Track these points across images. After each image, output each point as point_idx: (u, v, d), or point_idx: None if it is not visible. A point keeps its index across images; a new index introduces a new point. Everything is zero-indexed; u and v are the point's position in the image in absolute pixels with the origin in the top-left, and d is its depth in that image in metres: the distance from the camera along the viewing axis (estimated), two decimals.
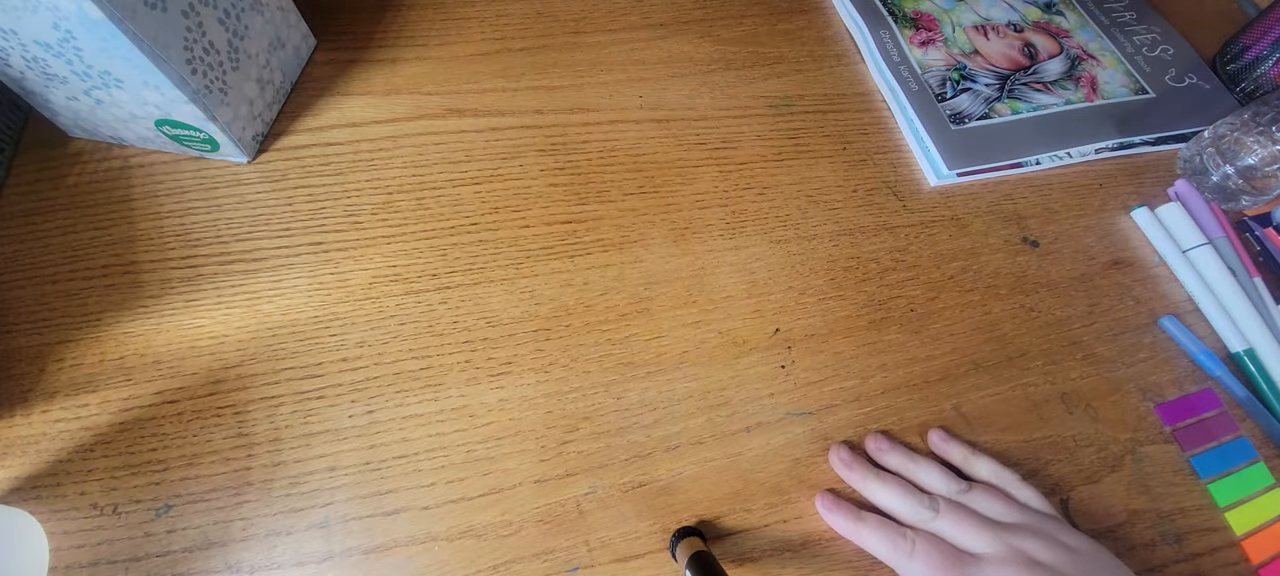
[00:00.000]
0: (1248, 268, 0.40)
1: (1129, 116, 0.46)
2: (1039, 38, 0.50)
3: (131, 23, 0.28)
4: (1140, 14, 0.54)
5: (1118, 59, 0.50)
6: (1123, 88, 0.48)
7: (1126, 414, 0.36)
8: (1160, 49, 0.51)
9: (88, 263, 0.34)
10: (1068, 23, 0.52)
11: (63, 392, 0.30)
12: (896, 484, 0.30)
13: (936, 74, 0.45)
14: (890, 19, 0.48)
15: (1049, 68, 0.48)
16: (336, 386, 0.32)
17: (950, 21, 0.49)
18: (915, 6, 0.49)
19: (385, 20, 0.44)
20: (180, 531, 0.28)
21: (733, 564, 0.30)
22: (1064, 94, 0.46)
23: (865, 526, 0.29)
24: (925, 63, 0.46)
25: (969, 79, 0.46)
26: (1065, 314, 0.38)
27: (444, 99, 0.41)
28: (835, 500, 0.30)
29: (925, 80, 0.44)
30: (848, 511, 0.30)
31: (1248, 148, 0.41)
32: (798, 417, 0.34)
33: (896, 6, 0.49)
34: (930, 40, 0.47)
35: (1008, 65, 0.47)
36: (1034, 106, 0.45)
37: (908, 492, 0.30)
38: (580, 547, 0.29)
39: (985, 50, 0.48)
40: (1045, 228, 0.42)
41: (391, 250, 0.36)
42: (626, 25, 0.47)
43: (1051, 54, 0.49)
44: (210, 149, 0.36)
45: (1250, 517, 0.34)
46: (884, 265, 0.39)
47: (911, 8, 0.49)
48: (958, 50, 0.47)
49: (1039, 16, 0.51)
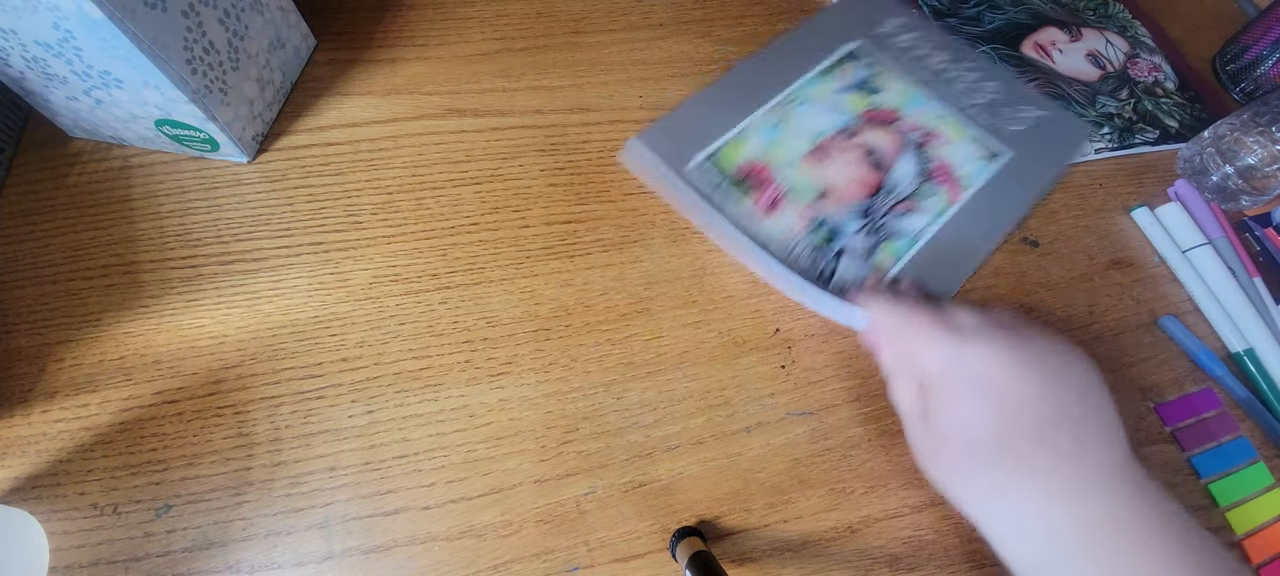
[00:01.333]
0: (1248, 268, 0.40)
1: (999, 195, 0.41)
2: (875, 134, 0.42)
3: (131, 23, 0.28)
4: (955, 53, 0.47)
5: (957, 124, 0.43)
6: (978, 160, 0.42)
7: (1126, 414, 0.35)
8: (985, 88, 0.45)
9: (88, 263, 0.34)
10: (890, 97, 0.44)
11: (63, 392, 0.30)
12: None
13: (803, 246, 0.37)
14: (727, 190, 0.39)
15: (901, 175, 0.41)
16: (336, 386, 0.32)
17: (782, 161, 0.40)
18: (735, 162, 0.40)
19: (385, 20, 0.44)
20: (180, 531, 0.28)
21: (733, 564, 0.30)
22: (930, 206, 0.40)
23: (877, 290, 0.32)
24: (784, 235, 0.38)
25: (836, 235, 0.38)
26: (1065, 314, 0.38)
27: (444, 99, 0.41)
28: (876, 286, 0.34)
29: (796, 257, 0.37)
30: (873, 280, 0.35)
31: (1248, 148, 0.41)
32: (798, 417, 0.34)
33: (721, 172, 0.39)
34: (775, 201, 0.39)
35: (863, 192, 0.40)
36: (911, 240, 0.38)
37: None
38: (580, 547, 0.29)
39: (833, 181, 0.40)
40: (1045, 228, 0.42)
41: (391, 250, 0.36)
42: (626, 25, 0.47)
43: (896, 151, 0.42)
44: (210, 149, 0.36)
45: (1250, 517, 0.34)
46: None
47: (732, 166, 0.40)
48: (806, 200, 0.39)
49: (862, 103, 0.43)
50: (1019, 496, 0.25)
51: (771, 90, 0.43)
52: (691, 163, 0.39)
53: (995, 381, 0.26)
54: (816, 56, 0.45)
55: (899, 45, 0.47)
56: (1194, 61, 0.52)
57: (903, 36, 0.47)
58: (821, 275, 0.37)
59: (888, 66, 0.46)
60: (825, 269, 0.37)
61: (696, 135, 0.40)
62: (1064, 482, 0.25)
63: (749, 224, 0.38)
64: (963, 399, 0.26)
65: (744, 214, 0.38)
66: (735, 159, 0.40)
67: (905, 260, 0.38)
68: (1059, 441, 0.25)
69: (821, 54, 0.45)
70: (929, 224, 0.39)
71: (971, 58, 0.47)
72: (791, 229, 0.38)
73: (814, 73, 0.44)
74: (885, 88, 0.45)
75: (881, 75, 0.45)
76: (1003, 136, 0.43)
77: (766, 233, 0.38)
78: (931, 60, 0.46)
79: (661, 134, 0.40)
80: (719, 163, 0.40)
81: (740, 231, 0.36)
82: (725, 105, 0.42)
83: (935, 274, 0.38)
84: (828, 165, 0.41)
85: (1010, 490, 0.25)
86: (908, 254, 0.38)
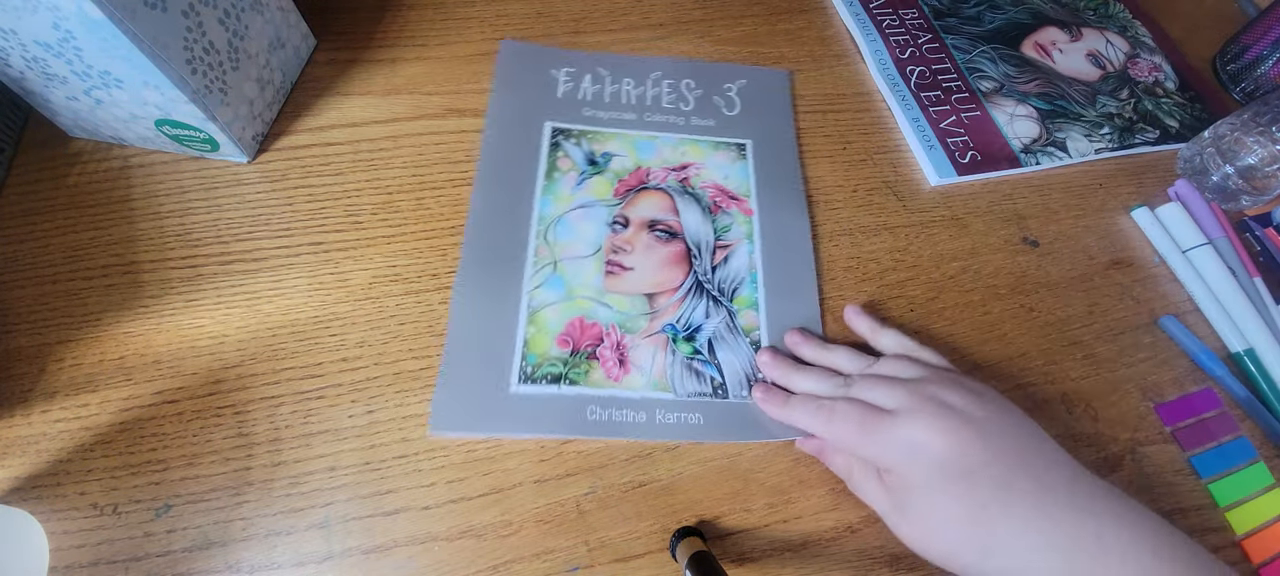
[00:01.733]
0: (1248, 268, 0.40)
1: (774, 178, 0.40)
2: (644, 205, 0.38)
3: (131, 23, 0.28)
4: (634, 75, 0.43)
5: (693, 142, 0.41)
6: (735, 162, 0.41)
7: (1126, 414, 0.36)
8: (683, 91, 0.43)
9: (88, 263, 0.34)
10: (623, 158, 0.40)
11: (63, 392, 0.30)
12: (814, 371, 0.33)
13: (678, 371, 0.33)
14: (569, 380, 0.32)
15: (694, 225, 0.38)
16: (336, 386, 0.32)
17: (589, 299, 0.35)
18: (550, 345, 0.33)
19: (385, 20, 0.44)
20: (180, 531, 0.28)
21: (733, 564, 0.30)
22: (737, 233, 0.38)
23: (792, 406, 0.32)
24: (656, 376, 0.33)
25: (695, 330, 0.34)
26: (1065, 314, 0.38)
27: (444, 99, 0.41)
28: (767, 390, 0.33)
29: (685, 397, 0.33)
30: (778, 397, 0.32)
31: (1248, 148, 0.41)
32: None
33: (549, 368, 0.32)
34: (620, 351, 0.33)
35: (680, 267, 0.36)
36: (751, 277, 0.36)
37: (824, 375, 0.33)
38: (580, 547, 0.29)
39: (648, 281, 0.36)
40: (1045, 228, 0.42)
41: (391, 250, 0.36)
42: (626, 25, 0.47)
43: (672, 208, 0.38)
44: (210, 149, 0.36)
45: (1250, 517, 0.34)
46: (884, 265, 0.39)
47: (549, 351, 0.33)
48: (643, 323, 0.34)
49: (607, 185, 0.39)
50: (1013, 545, 0.25)
51: (520, 238, 0.36)
52: (512, 388, 0.32)
53: (942, 453, 0.27)
54: (526, 160, 0.39)
55: (584, 99, 0.42)
56: (1194, 61, 0.52)
57: (582, 86, 0.43)
58: (716, 392, 0.33)
59: (594, 127, 0.41)
60: (714, 385, 0.33)
61: (494, 355, 0.32)
62: (1044, 515, 0.25)
63: (614, 404, 0.32)
64: (922, 479, 0.27)
65: (602, 396, 0.32)
66: (547, 344, 0.33)
67: (762, 301, 0.36)
68: (1020, 482, 0.26)
69: (528, 156, 0.39)
70: (751, 250, 0.37)
71: (649, 69, 0.44)
72: (656, 366, 0.33)
73: (539, 184, 0.38)
74: (611, 149, 0.40)
75: (596, 138, 0.40)
76: (733, 127, 0.42)
77: (638, 394, 0.32)
78: (621, 94, 0.43)
79: (454, 394, 0.31)
80: (536, 362, 0.32)
81: (612, 422, 0.31)
82: (492, 297, 0.34)
83: (792, 291, 0.36)
84: (630, 271, 0.36)
85: (1008, 542, 0.25)
86: (759, 294, 0.36)
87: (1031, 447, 0.27)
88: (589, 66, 0.44)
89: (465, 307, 0.34)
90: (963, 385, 0.29)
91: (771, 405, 0.32)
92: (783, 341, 0.35)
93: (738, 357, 0.34)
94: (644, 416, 0.32)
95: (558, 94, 0.42)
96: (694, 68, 0.45)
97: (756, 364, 0.34)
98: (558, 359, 0.33)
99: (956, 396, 0.28)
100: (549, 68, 0.43)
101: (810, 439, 0.32)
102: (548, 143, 0.40)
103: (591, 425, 0.31)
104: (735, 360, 0.34)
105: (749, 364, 0.34)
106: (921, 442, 0.27)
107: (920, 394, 0.29)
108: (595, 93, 0.43)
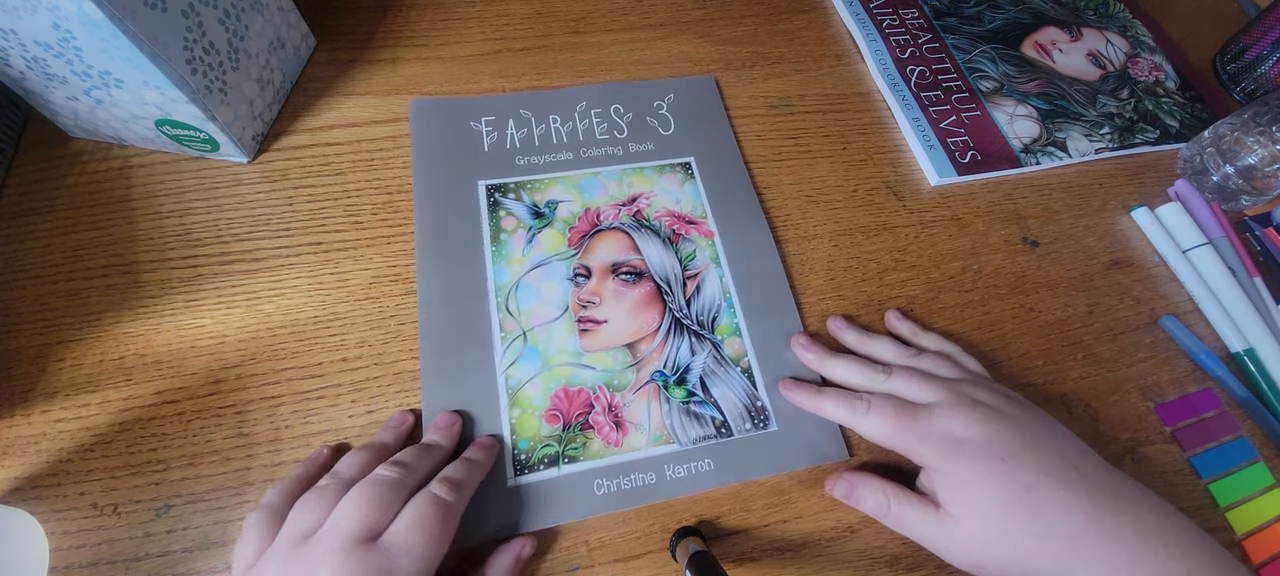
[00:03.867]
0: (1248, 268, 0.40)
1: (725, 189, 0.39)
2: (601, 251, 0.36)
3: (131, 23, 0.28)
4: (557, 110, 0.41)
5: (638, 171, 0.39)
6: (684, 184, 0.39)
7: (1126, 414, 0.36)
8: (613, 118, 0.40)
9: (88, 263, 0.34)
10: (569, 204, 0.37)
11: (63, 392, 0.30)
12: (852, 359, 0.33)
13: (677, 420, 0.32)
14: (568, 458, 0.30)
15: (658, 259, 0.36)
16: (336, 386, 0.32)
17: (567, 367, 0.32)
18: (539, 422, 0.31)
19: (385, 20, 0.44)
20: (180, 531, 0.28)
21: (733, 564, 0.30)
22: (703, 257, 0.36)
23: (825, 397, 0.31)
24: (656, 431, 0.31)
25: (684, 371, 0.33)
26: (1065, 314, 0.38)
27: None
28: (796, 381, 0.33)
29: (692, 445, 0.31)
30: (808, 389, 0.32)
31: (1248, 148, 0.41)
32: None
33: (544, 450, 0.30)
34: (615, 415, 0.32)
35: (655, 308, 0.34)
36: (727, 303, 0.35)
37: (862, 365, 0.32)
38: (580, 548, 0.29)
39: (626, 331, 0.34)
40: (1045, 228, 0.42)
41: (391, 250, 0.36)
42: (626, 25, 0.47)
43: (632, 246, 0.36)
44: (210, 149, 0.36)
45: (1250, 517, 0.34)
46: (884, 265, 0.39)
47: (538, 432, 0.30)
48: (629, 377, 0.33)
49: (558, 237, 0.36)
50: (1063, 528, 0.25)
51: (481, 316, 0.33)
52: (509, 483, 0.30)
53: (981, 438, 0.27)
54: (468, 228, 0.36)
55: (514, 147, 0.39)
56: (1194, 61, 0.52)
57: (507, 133, 0.39)
58: (720, 432, 0.32)
59: (531, 175, 0.38)
60: (716, 425, 0.32)
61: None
62: (1089, 498, 0.26)
63: (621, 471, 0.30)
64: (965, 468, 0.27)
65: (607, 466, 0.30)
66: (535, 425, 0.31)
67: (743, 326, 0.34)
68: (1059, 469, 0.26)
69: (468, 224, 0.36)
70: (721, 275, 0.36)
71: (573, 101, 0.41)
72: (653, 419, 0.31)
73: (487, 250, 0.35)
74: (555, 196, 0.37)
75: (536, 187, 0.37)
76: (673, 146, 0.40)
77: (642, 454, 0.31)
78: (551, 134, 0.40)
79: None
80: (528, 447, 0.30)
81: (622, 492, 0.30)
82: (465, 389, 0.32)
83: (770, 308, 0.35)
84: (604, 325, 0.34)
85: (1056, 525, 0.25)
86: (739, 318, 0.35)
87: (1063, 440, 0.28)
88: (510, 110, 0.40)
89: (438, 408, 0.31)
90: (996, 388, 0.30)
91: (800, 396, 0.32)
92: (825, 329, 0.35)
93: (733, 391, 0.33)
94: (653, 476, 0.30)
95: (485, 148, 0.39)
96: (618, 91, 0.42)
97: (791, 346, 0.34)
98: (551, 437, 0.31)
99: (990, 397, 0.29)
100: (468, 121, 0.40)
101: (839, 481, 0.30)
102: (485, 204, 0.36)
103: (602, 499, 0.29)
104: (731, 394, 0.33)
105: (746, 395, 0.33)
106: (960, 433, 0.27)
107: (955, 390, 0.29)
108: (524, 138, 0.39)
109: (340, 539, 0.23)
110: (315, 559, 0.23)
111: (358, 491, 0.25)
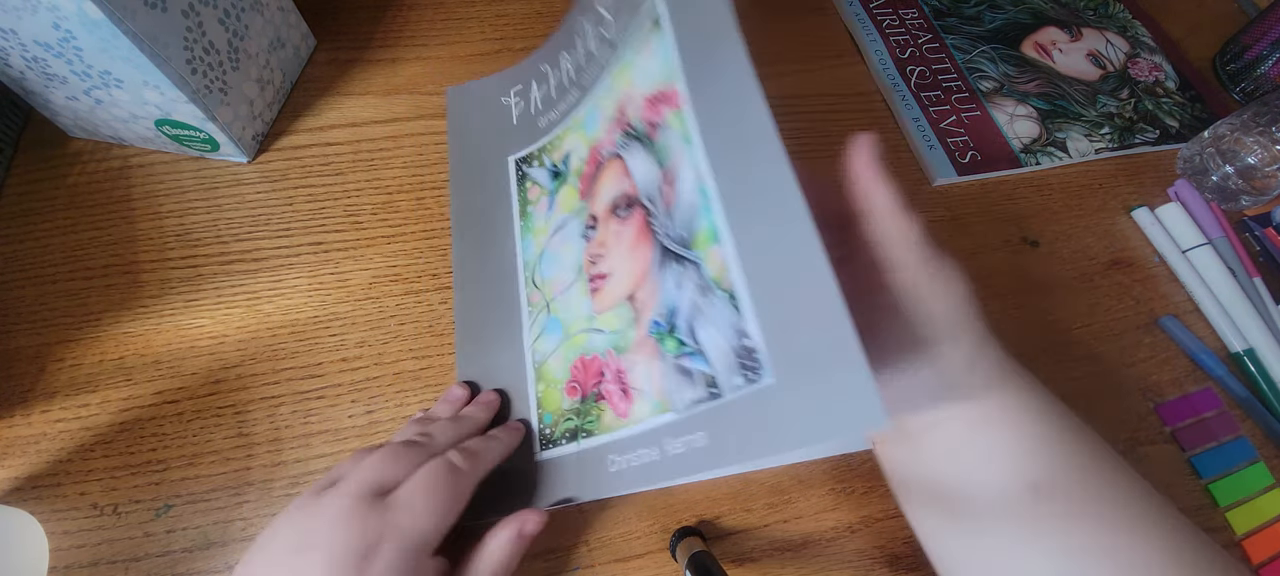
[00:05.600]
0: (1248, 268, 0.40)
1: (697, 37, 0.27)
2: (604, 191, 0.30)
3: (131, 23, 0.28)
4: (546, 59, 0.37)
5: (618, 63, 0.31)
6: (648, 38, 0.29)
7: (1126, 414, 0.36)
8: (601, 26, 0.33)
9: (88, 263, 0.34)
10: (578, 150, 0.33)
11: (63, 392, 0.30)
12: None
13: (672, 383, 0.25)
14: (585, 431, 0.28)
15: (643, 172, 0.28)
16: (336, 386, 0.32)
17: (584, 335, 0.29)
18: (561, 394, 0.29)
19: (385, 20, 0.44)
20: (180, 531, 0.28)
21: (733, 564, 0.30)
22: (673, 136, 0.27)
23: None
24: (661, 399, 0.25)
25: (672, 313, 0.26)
26: (1065, 314, 0.38)
27: (444, 99, 0.41)
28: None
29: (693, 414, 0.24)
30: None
31: (1248, 148, 0.41)
32: None
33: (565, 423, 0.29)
34: (623, 383, 0.27)
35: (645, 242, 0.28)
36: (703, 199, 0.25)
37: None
38: (580, 548, 0.29)
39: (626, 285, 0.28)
40: (1045, 228, 0.42)
41: (391, 250, 0.36)
42: None
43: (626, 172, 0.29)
44: (210, 149, 0.36)
45: (1250, 517, 0.34)
46: None
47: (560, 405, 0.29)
48: (630, 336, 0.27)
49: (573, 194, 0.32)
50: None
51: (511, 295, 0.33)
52: (537, 457, 0.29)
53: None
54: (499, 207, 0.35)
55: (537, 110, 0.37)
56: (1194, 61, 0.52)
57: (531, 98, 0.38)
58: (710, 391, 0.23)
59: (550, 133, 0.35)
60: (706, 382, 0.24)
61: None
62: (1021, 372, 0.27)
63: (629, 446, 0.26)
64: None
65: (619, 440, 0.26)
66: (557, 398, 0.29)
67: (722, 226, 0.24)
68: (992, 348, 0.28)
69: (500, 203, 0.35)
70: (693, 157, 0.25)
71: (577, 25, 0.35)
72: (654, 383, 0.26)
73: (516, 226, 0.34)
74: (568, 147, 0.34)
75: (553, 146, 0.35)
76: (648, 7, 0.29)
77: (646, 425, 0.25)
78: (563, 76, 0.36)
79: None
80: (552, 421, 0.29)
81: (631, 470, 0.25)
82: (497, 368, 0.31)
83: (756, 188, 0.23)
84: (608, 278, 0.29)
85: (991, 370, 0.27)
86: (718, 215, 0.24)
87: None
88: (533, 71, 0.38)
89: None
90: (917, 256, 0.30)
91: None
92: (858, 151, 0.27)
93: (719, 330, 0.23)
94: (656, 452, 0.25)
95: (513, 121, 0.38)
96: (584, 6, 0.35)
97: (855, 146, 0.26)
98: (571, 411, 0.29)
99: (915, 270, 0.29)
100: (499, 97, 0.39)
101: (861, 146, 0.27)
102: (515, 179, 0.36)
103: (613, 478, 0.26)
104: (717, 335, 0.23)
105: (732, 332, 0.23)
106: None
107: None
108: (544, 95, 0.37)
109: (352, 487, 0.24)
110: (324, 504, 0.23)
111: (386, 448, 0.25)
